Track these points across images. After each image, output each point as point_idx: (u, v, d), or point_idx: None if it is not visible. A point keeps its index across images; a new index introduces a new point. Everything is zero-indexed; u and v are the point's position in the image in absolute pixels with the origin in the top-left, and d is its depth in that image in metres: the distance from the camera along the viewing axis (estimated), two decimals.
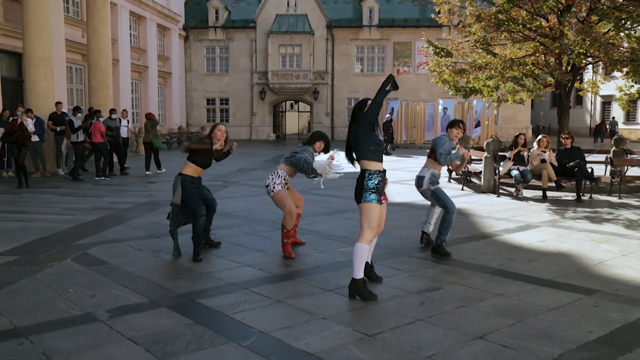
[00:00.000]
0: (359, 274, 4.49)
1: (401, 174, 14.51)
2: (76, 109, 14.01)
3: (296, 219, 6.03)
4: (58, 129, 13.68)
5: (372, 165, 4.46)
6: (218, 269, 5.38)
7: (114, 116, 14.45)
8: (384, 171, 4.54)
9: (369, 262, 4.91)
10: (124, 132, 15.22)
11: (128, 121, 16.49)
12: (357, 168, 4.58)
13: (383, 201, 4.56)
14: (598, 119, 38.74)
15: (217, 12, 36.03)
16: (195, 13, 36.36)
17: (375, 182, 4.43)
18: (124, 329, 3.81)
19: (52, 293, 4.62)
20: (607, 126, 35.96)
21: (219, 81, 36.47)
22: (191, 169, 5.87)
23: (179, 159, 15.82)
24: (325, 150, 5.85)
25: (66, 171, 13.63)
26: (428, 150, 6.36)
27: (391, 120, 24.72)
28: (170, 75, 31.58)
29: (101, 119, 13.24)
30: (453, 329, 3.83)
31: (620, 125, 38.25)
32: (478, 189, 11.46)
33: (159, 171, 14.59)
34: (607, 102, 39.87)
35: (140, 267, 5.43)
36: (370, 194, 4.42)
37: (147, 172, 14.24)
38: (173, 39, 31.93)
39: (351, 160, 4.64)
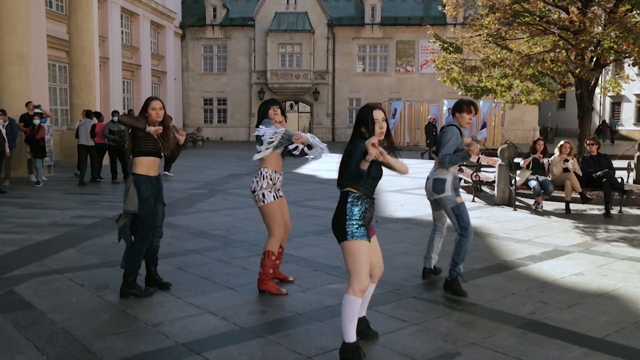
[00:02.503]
0: (351, 335, 3.32)
1: (405, 181, 13.25)
2: (89, 114, 13.09)
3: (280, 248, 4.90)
4: (28, 131, 12.49)
5: (359, 190, 3.33)
6: (170, 318, 4.18)
7: (115, 119, 13.06)
8: (373, 198, 3.42)
9: (364, 316, 3.73)
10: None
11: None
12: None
13: (371, 234, 3.45)
14: (608, 120, 37.56)
15: (214, 9, 34.96)
16: (192, 11, 35.27)
17: (362, 209, 3.31)
18: None
19: None
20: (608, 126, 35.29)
21: (217, 81, 35.36)
22: (144, 166, 4.55)
23: (177, 161, 14.75)
24: (282, 113, 4.84)
25: (37, 176, 12.40)
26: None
27: (434, 121, 22.52)
28: (165, 74, 30.44)
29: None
30: None
31: (631, 127, 37.07)
32: (491, 201, 10.23)
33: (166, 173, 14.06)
34: (616, 102, 38.60)
35: (71, 314, 4.24)
36: (356, 227, 3.28)
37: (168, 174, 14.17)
38: (168, 37, 30.80)
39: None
